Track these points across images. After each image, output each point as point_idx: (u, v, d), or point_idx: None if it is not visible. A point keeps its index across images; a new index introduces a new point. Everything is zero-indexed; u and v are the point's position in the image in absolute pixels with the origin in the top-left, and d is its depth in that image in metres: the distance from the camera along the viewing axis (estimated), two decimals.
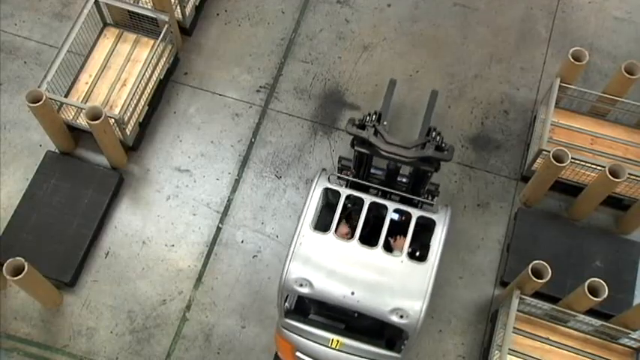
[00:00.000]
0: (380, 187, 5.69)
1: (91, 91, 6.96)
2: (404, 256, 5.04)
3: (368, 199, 5.24)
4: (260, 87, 7.51)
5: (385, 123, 5.64)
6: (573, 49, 6.64)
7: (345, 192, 5.29)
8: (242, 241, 6.79)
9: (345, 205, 5.35)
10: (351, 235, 5.23)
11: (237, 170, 7.10)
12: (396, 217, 5.39)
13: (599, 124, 7.04)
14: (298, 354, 5.50)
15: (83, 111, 6.42)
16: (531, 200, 6.91)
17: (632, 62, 6.56)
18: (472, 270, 6.72)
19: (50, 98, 6.38)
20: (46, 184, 6.70)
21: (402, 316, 4.87)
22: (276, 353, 6.01)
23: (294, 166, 7.13)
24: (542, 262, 5.73)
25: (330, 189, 5.33)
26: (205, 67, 7.57)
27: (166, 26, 6.92)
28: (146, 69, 6.78)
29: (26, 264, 5.61)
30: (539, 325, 6.16)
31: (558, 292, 6.30)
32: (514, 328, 5.90)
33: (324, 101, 7.46)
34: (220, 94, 7.45)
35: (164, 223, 6.83)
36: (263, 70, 7.58)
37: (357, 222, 5.20)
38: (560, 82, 6.79)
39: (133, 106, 6.71)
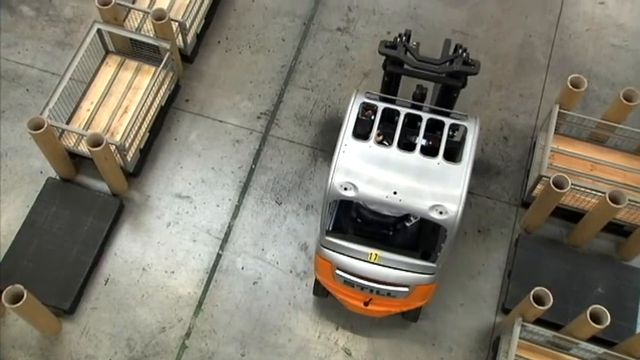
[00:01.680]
0: (413, 102, 5.99)
1: (93, 118, 7.00)
2: (440, 158, 5.37)
3: (403, 110, 5.58)
4: (261, 113, 7.55)
5: (415, 43, 5.94)
6: (572, 76, 6.68)
7: (381, 105, 5.60)
8: (242, 268, 6.77)
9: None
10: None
11: (238, 197, 7.10)
12: (424, 142, 5.71)
13: (599, 150, 7.06)
14: (338, 272, 5.79)
15: (84, 138, 6.45)
16: (532, 226, 6.90)
17: (630, 89, 6.60)
18: (473, 296, 6.69)
19: (52, 125, 6.42)
20: (46, 211, 6.70)
21: (441, 212, 5.19)
22: (316, 280, 6.22)
23: (294, 193, 7.14)
24: (543, 288, 5.70)
25: (367, 102, 5.69)
26: (206, 93, 7.62)
27: (168, 54, 6.98)
28: (147, 96, 6.82)
29: (25, 291, 5.59)
30: (541, 353, 6.10)
31: (560, 319, 6.26)
32: (516, 355, 5.84)
33: (325, 128, 7.49)
34: (221, 121, 7.49)
35: (164, 250, 6.81)
36: (264, 97, 7.63)
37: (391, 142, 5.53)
38: (560, 108, 6.82)
39: (134, 132, 6.74)
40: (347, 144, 5.43)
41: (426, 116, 5.58)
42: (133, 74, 7.28)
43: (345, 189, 5.26)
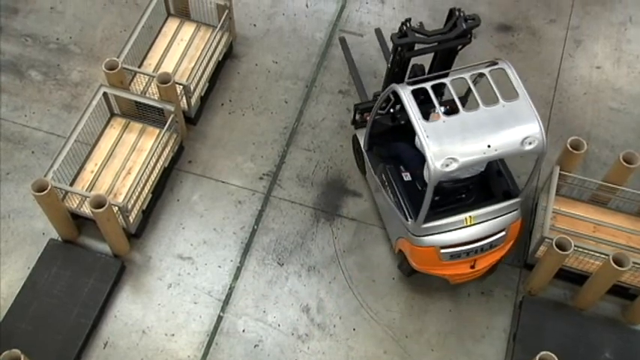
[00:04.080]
0: (439, 74, 6.41)
1: (96, 180, 7.05)
2: (501, 101, 5.83)
3: (447, 79, 5.99)
4: (263, 175, 7.60)
5: (418, 23, 6.38)
6: (571, 138, 6.76)
7: (428, 84, 5.97)
8: (243, 330, 6.68)
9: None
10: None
11: (240, 258, 7.07)
12: (443, 109, 6.05)
13: (601, 211, 7.06)
14: (442, 251, 6.19)
15: (87, 199, 6.48)
16: (536, 289, 6.83)
17: (630, 152, 6.66)
18: None
19: (55, 187, 6.46)
20: (47, 273, 6.67)
21: (530, 143, 5.68)
22: (403, 260, 6.65)
23: (296, 254, 7.11)
24: (549, 353, 5.61)
25: (415, 89, 5.99)
26: (209, 155, 7.69)
27: (172, 116, 7.08)
28: (151, 157, 6.89)
29: (22, 356, 5.50)
30: None
31: None
32: None
33: (327, 189, 7.53)
34: (224, 182, 7.53)
35: (165, 312, 6.74)
36: (266, 158, 7.70)
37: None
38: (560, 170, 6.87)
39: (136, 194, 6.77)
40: (425, 129, 5.72)
41: (468, 75, 5.96)
42: (137, 136, 7.37)
43: (447, 165, 5.58)
